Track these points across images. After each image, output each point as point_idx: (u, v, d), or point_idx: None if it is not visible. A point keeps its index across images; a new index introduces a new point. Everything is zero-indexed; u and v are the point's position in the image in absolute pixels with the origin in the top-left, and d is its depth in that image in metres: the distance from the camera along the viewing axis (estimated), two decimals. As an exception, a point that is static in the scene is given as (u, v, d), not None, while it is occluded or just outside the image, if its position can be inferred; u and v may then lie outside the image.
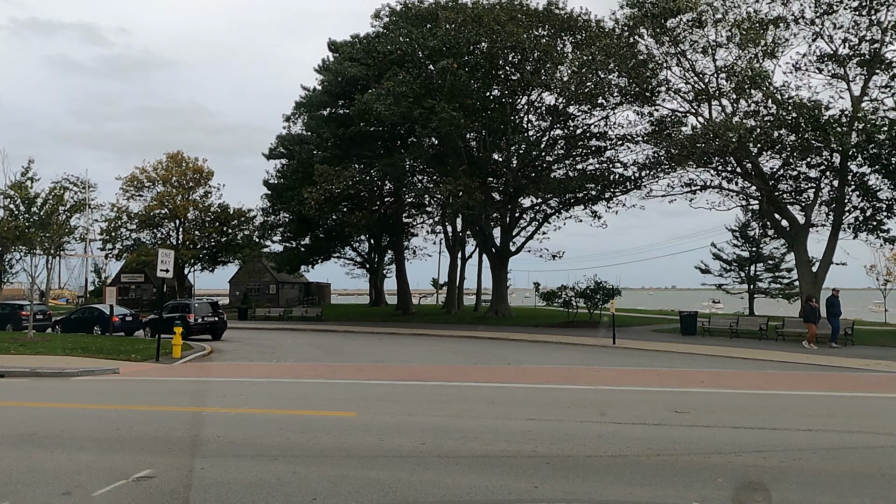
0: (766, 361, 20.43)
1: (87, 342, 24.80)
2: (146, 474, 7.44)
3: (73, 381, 16.80)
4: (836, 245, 30.38)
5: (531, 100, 41.71)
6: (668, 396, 13.56)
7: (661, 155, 33.25)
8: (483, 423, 10.68)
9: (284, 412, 11.84)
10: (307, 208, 39.67)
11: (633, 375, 17.30)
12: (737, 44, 27.78)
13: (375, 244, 62.85)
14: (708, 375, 16.93)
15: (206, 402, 12.99)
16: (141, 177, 61.47)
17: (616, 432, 9.93)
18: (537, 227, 45.64)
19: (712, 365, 19.85)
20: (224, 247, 62.12)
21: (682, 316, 32.21)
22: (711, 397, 13.54)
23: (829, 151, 28.93)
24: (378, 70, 39.33)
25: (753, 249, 47.64)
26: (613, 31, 32.64)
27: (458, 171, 38.57)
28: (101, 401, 13.72)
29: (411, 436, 9.90)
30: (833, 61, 30.04)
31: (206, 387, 15.60)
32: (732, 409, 12.14)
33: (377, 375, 17.04)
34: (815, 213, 31.16)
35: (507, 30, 34.98)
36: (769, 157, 30.69)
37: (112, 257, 64.07)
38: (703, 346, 24.93)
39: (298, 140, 49.20)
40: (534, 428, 10.18)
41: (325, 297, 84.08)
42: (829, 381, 16.36)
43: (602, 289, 36.05)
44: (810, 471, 7.99)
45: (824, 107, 28.44)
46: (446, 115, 34.61)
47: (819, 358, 21.02)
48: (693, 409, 11.81)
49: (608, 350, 24.83)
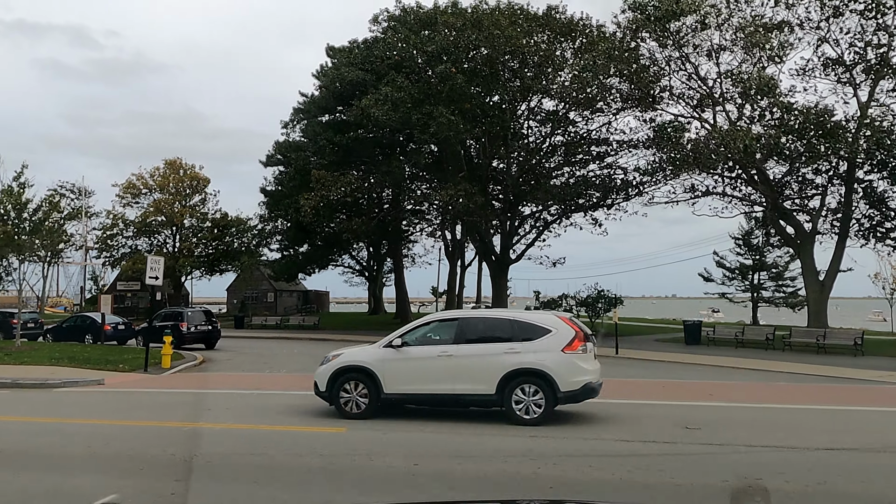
0: (774, 373, 19.76)
1: (76, 351, 24.09)
2: (109, 501, 6.77)
3: (54, 393, 16.11)
4: (843, 253, 29.76)
5: (531, 106, 41.15)
6: (677, 410, 12.89)
7: (663, 160, 32.64)
8: (481, 440, 10.01)
9: (271, 428, 11.18)
10: (304, 215, 39.03)
11: (638, 387, 16.61)
12: (741, 47, 27.22)
13: (374, 252, 62.17)
14: (716, 387, 16.26)
15: (190, 416, 12.31)
16: (138, 184, 60.90)
17: (624, 451, 9.27)
18: (538, 235, 44.94)
19: (720, 376, 19.18)
20: (221, 255, 61.46)
21: (687, 325, 31.53)
22: (722, 411, 12.87)
23: (835, 158, 28.33)
24: (376, 75, 38.78)
25: (757, 257, 46.95)
26: (615, 36, 32.17)
27: (457, 177, 37.98)
28: (79, 415, 13.05)
29: (404, 454, 9.24)
30: (839, 66, 29.49)
31: (193, 399, 14.92)
32: (746, 424, 11.47)
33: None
34: (821, 220, 30.55)
35: (506, 34, 34.44)
36: (774, 163, 30.09)
37: (108, 265, 63.43)
38: (708, 357, 24.26)
39: (296, 147, 48.57)
40: (535, 446, 9.52)
41: (323, 306, 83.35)
42: (844, 395, 15.69)
43: (604, 297, 35.39)
44: (839, 496, 7.34)
45: (831, 112, 27.86)
46: (444, 119, 34.02)
47: (829, 369, 20.34)
48: (704, 424, 11.15)
49: (611, 360, 24.10)
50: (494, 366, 10.96)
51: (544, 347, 10.96)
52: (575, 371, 10.96)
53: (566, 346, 10.95)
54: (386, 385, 11.42)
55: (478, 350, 11.23)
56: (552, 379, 10.77)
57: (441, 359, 11.29)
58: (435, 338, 11.87)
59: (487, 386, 10.96)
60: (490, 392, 10.94)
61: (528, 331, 11.20)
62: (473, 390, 11.11)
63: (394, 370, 11.45)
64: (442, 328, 11.98)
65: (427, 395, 11.47)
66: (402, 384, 11.44)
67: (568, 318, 11.83)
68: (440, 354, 11.35)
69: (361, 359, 11.83)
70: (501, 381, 10.88)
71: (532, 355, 10.91)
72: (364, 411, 11.49)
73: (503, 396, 10.90)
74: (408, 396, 11.61)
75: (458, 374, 11.12)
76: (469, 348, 11.26)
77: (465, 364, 11.13)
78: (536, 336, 11.10)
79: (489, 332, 11.55)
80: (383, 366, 11.50)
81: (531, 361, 10.88)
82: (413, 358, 11.50)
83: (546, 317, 11.81)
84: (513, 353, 11.00)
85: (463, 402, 11.37)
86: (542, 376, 10.83)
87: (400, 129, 38.74)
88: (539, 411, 10.84)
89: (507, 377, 10.88)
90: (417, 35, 37.88)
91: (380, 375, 11.44)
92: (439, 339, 11.77)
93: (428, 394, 11.44)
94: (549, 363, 10.82)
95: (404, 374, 11.44)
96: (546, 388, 10.80)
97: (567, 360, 10.91)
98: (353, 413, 11.51)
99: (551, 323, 11.32)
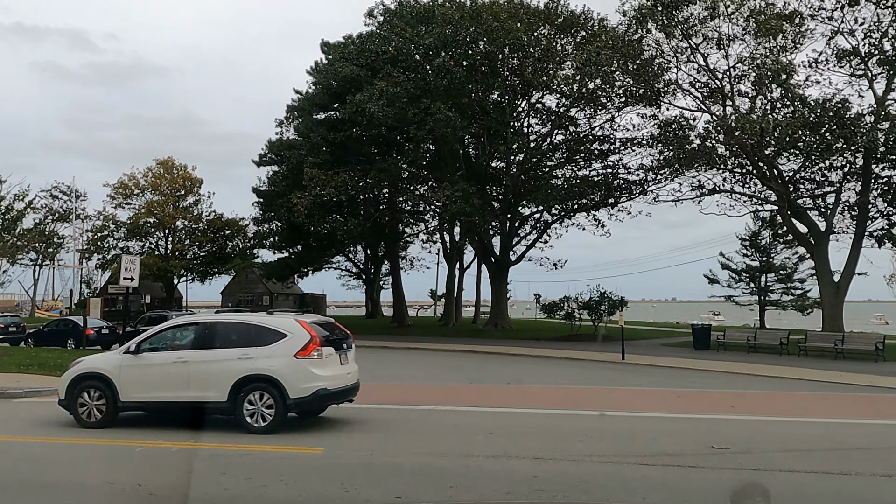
0: (795, 380, 18.35)
1: (48, 357, 22.69)
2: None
3: (13, 405, 14.72)
4: (859, 254, 28.38)
5: (532, 102, 39.83)
6: (698, 426, 11.51)
7: (669, 156, 31.27)
8: (477, 465, 8.62)
9: (237, 447, 9.77)
10: (296, 215, 37.67)
11: (651, 398, 15.23)
12: (753, 34, 25.86)
13: (371, 254, 60.75)
14: (736, 398, 14.85)
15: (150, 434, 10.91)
16: (129, 184, 59.56)
17: (645, 479, 7.88)
18: (538, 236, 43.60)
19: (737, 384, 17.77)
20: (215, 257, 60.11)
21: (695, 329, 30.10)
22: (749, 427, 11.47)
23: (851, 152, 26.97)
24: (371, 70, 37.44)
25: (764, 259, 45.50)
26: (618, 29, 30.96)
27: (455, 176, 36.63)
28: (30, 431, 11.63)
29: (385, 482, 7.85)
30: (854, 57, 28.15)
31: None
32: (779, 443, 10.08)
33: (357, 398, 14.95)
34: (836, 218, 29.15)
35: (506, 27, 33.12)
36: (788, 157, 28.70)
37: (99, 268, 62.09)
38: (720, 363, 22.83)
39: (289, 145, 47.18)
40: (541, 472, 8.14)
41: (320, 309, 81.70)
42: (877, 406, 14.29)
43: (607, 299, 33.95)
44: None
45: (847, 104, 26.51)
46: (441, 115, 32.68)
47: (853, 377, 18.94)
48: (732, 443, 9.76)
49: (617, 367, 22.75)
50: (226, 372, 10.50)
51: (277, 353, 10.49)
52: (306, 377, 10.42)
53: (299, 351, 10.45)
54: (122, 392, 10.90)
55: (212, 356, 10.76)
56: (282, 385, 10.30)
57: (177, 365, 10.84)
58: (176, 343, 11.45)
59: (220, 393, 10.48)
60: (222, 399, 10.47)
61: (265, 336, 10.75)
62: (206, 397, 10.62)
63: (130, 377, 10.96)
64: (182, 333, 11.55)
65: (163, 402, 10.92)
66: (139, 391, 10.94)
67: (309, 321, 11.11)
68: (176, 360, 10.91)
69: (99, 365, 11.35)
70: (233, 388, 10.43)
71: (264, 361, 10.47)
72: (102, 420, 10.93)
73: (235, 404, 10.42)
74: (144, 404, 11.13)
75: (193, 380, 10.67)
76: (204, 354, 10.81)
77: (200, 370, 10.68)
78: (272, 341, 10.63)
79: (228, 337, 11.05)
80: (120, 372, 10.99)
81: (262, 367, 10.44)
82: (150, 364, 11.04)
83: (284, 321, 11.08)
84: (246, 359, 10.54)
85: (198, 409, 10.75)
86: (272, 382, 10.37)
87: (396, 125, 37.42)
88: (270, 419, 10.33)
89: (239, 384, 10.43)
90: (414, 28, 36.58)
91: (116, 382, 10.94)
92: (179, 344, 11.36)
93: (164, 401, 10.89)
94: (278, 368, 10.37)
95: (141, 381, 10.94)
96: (277, 394, 10.34)
97: (299, 366, 10.42)
98: (91, 423, 10.95)
99: (288, 327, 10.75)
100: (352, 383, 11.36)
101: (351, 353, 11.61)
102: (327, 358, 10.76)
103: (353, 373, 11.51)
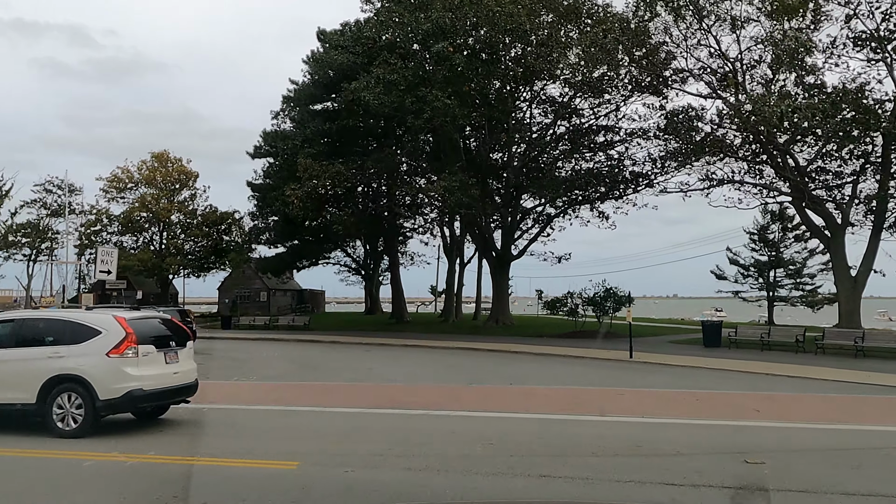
0: (819, 381, 17.08)
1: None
2: None
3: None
4: (877, 247, 27.11)
5: (534, 91, 38.48)
6: (724, 434, 10.26)
7: (677, 147, 29.99)
8: (475, 484, 7.38)
9: (202, 461, 8.53)
10: (291, 207, 36.42)
11: (666, 401, 13.97)
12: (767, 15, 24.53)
13: (371, 249, 59.48)
14: (760, 401, 13.58)
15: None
16: (123, 177, 58.43)
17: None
18: (541, 230, 42.28)
19: (757, 385, 16.50)
20: (210, 252, 58.97)
21: (706, 326, 28.83)
22: (781, 435, 10.22)
23: (870, 139, 25.66)
24: (367, 58, 36.12)
25: (773, 254, 44.12)
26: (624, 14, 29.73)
27: (454, 167, 35.33)
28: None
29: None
30: (872, 41, 26.84)
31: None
32: (820, 456, 8.84)
33: (347, 400, 13.72)
34: (853, 210, 27.85)
35: (507, 11, 31.79)
36: (803, 146, 27.39)
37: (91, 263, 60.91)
38: (734, 361, 21.55)
39: (284, 136, 45.91)
40: (550, 494, 6.90)
41: (319, 305, 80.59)
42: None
43: (613, 295, 32.72)
44: None
45: (865, 89, 25.22)
46: (440, 103, 31.37)
47: (882, 377, 17.66)
48: (767, 456, 8.53)
49: (625, 365, 21.51)
50: (35, 372, 9.88)
51: (89, 351, 9.91)
52: (118, 377, 9.81)
53: (112, 350, 9.87)
54: None
55: (21, 354, 10.15)
56: (90, 385, 9.71)
57: None
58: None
59: (28, 394, 9.86)
60: (31, 401, 9.86)
61: (80, 333, 10.09)
62: (14, 399, 9.99)
63: None
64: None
65: None
66: None
67: (130, 318, 10.45)
68: None
69: None
70: (42, 389, 9.80)
71: (74, 360, 9.88)
72: None
73: (45, 406, 9.79)
74: None
75: (2, 381, 10.02)
76: (13, 353, 10.19)
77: (8, 370, 10.05)
78: (85, 338, 10.01)
79: (43, 335, 10.39)
80: None
81: (71, 367, 9.84)
82: None
83: (101, 317, 10.40)
84: (56, 358, 9.92)
85: (7, 412, 10.07)
86: (80, 382, 9.77)
87: (393, 114, 36.14)
88: (79, 422, 9.71)
89: (48, 384, 9.82)
90: (412, 14, 35.24)
91: None
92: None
93: None
94: (87, 368, 9.80)
95: None
96: (86, 395, 9.72)
97: (110, 365, 9.84)
98: None
99: (103, 324, 10.11)
100: (181, 384, 10.65)
101: (183, 351, 10.90)
102: (145, 356, 10.10)
103: (184, 372, 10.80)
